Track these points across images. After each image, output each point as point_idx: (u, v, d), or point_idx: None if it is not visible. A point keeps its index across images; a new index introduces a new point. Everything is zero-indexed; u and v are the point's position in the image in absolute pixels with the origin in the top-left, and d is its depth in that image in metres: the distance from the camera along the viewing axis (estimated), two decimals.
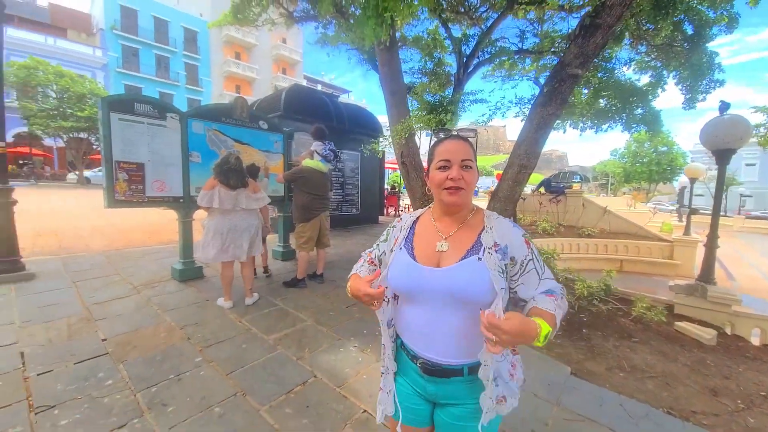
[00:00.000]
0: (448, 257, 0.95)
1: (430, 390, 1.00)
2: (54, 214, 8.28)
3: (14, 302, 3.16)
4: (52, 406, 1.87)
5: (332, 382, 2.20)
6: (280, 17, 8.23)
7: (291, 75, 35.66)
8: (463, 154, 0.95)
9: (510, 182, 4.07)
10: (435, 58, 8.32)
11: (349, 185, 8.70)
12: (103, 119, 3.30)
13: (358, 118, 8.77)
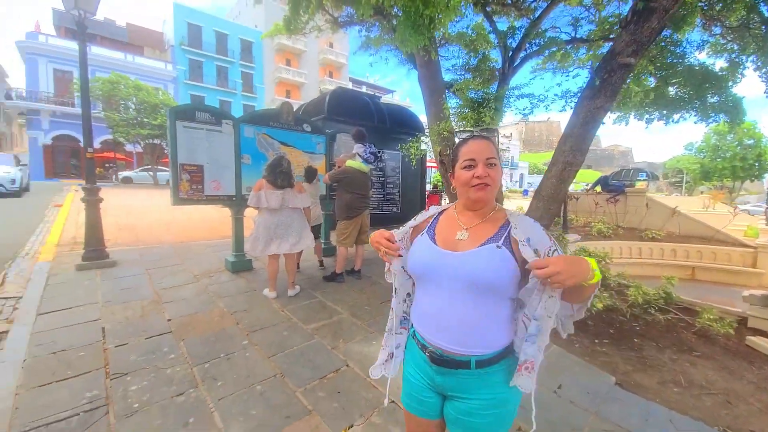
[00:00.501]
0: (466, 244, 1.00)
1: (438, 381, 1.03)
2: (133, 210, 9.44)
3: (99, 285, 3.70)
4: (125, 374, 2.19)
5: (363, 371, 2.29)
6: (326, 23, 8.58)
7: (337, 78, 36.78)
8: (487, 152, 1.00)
9: (554, 180, 3.88)
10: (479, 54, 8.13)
11: (390, 184, 8.81)
12: (170, 127, 3.74)
13: (399, 118, 8.85)
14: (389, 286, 1.16)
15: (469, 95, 5.22)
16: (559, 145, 3.90)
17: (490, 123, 4.74)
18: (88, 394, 1.99)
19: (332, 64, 36.84)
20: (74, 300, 3.29)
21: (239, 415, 1.86)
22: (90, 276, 3.95)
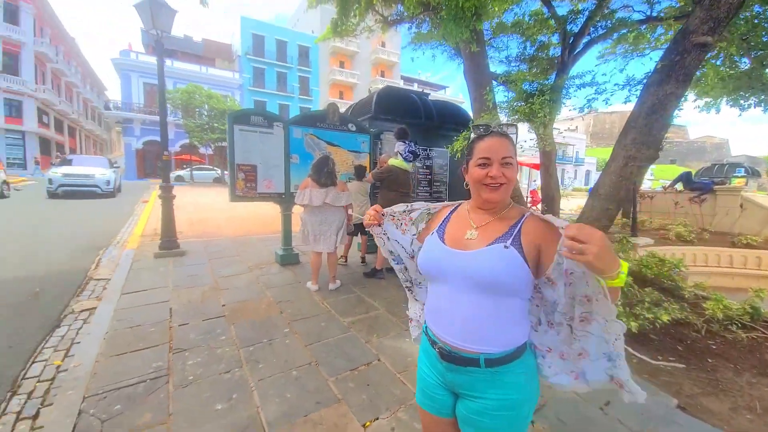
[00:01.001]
0: (475, 244, 0.98)
1: (449, 378, 1.02)
2: (201, 206, 10.53)
3: (171, 271, 4.21)
4: (184, 350, 2.47)
5: (394, 367, 2.32)
6: (376, 23, 8.70)
7: (389, 77, 37.09)
8: (503, 151, 0.96)
9: (613, 177, 3.54)
10: (537, 42, 7.65)
11: (437, 182, 8.66)
12: (229, 130, 4.11)
13: (446, 114, 8.66)
14: None
15: (523, 87, 4.94)
16: (619, 138, 3.54)
17: (547, 116, 4.45)
18: (154, 364, 2.28)
19: (384, 63, 37.23)
20: (150, 283, 3.78)
21: (275, 396, 2.00)
22: (164, 263, 4.51)
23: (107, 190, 11.35)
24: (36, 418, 1.88)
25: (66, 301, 3.43)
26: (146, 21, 4.55)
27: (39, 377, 2.24)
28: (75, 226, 6.99)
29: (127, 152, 25.79)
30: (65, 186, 10.68)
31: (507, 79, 5.93)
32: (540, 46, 7.39)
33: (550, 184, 7.05)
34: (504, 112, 5.13)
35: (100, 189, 11.13)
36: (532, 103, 4.43)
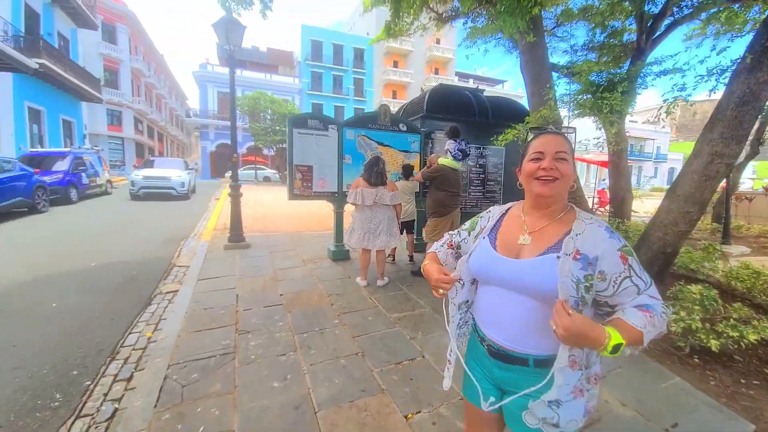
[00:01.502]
0: (528, 251, 0.96)
1: (496, 375, 1.02)
2: (263, 204, 11.42)
3: (238, 262, 4.67)
4: (248, 332, 2.76)
5: (437, 365, 2.35)
6: (430, 21, 8.64)
7: (443, 74, 36.52)
8: (558, 146, 0.93)
9: (695, 176, 3.16)
10: (609, 28, 7.03)
11: (491, 182, 8.37)
12: (288, 133, 4.44)
13: (502, 110, 8.32)
14: None
15: (590, 78, 4.59)
16: (704, 131, 3.14)
17: (619, 109, 4.10)
18: (223, 342, 2.59)
19: (438, 60, 36.75)
20: (221, 272, 4.24)
21: (325, 380, 2.16)
22: (232, 254, 5.01)
23: (182, 192, 11.72)
24: (130, 380, 2.25)
25: (155, 283, 4.00)
26: (221, 37, 5.08)
27: (133, 346, 2.67)
28: (161, 220, 8.06)
29: (203, 154, 28.87)
30: (145, 188, 11.22)
31: (571, 70, 5.53)
32: (612, 32, 6.76)
33: (620, 183, 6.43)
34: (567, 107, 4.82)
35: (176, 191, 11.56)
36: (601, 96, 4.10)
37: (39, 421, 1.89)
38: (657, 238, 3.37)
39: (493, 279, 1.00)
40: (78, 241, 5.75)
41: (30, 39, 13.38)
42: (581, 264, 0.87)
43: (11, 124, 13.20)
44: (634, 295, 0.87)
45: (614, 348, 0.78)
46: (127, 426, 1.77)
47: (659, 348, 2.62)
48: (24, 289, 3.66)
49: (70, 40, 17.85)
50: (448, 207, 4.04)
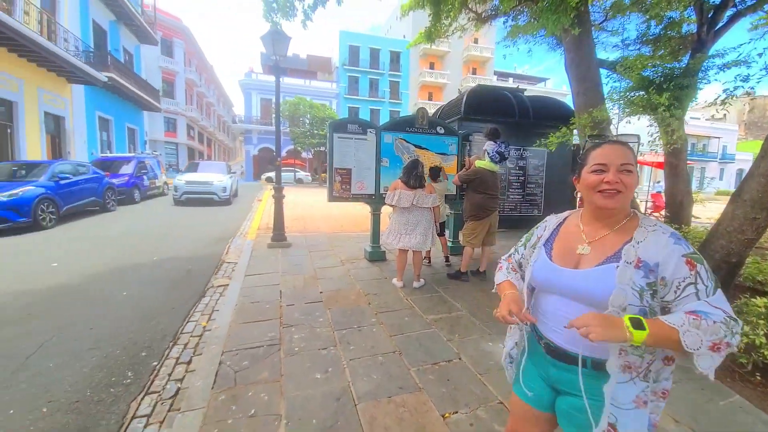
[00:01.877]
0: (587, 260, 0.95)
1: (552, 374, 1.01)
2: (302, 205, 11.87)
3: (280, 260, 4.93)
4: (291, 326, 2.92)
5: (475, 368, 2.35)
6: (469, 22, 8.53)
7: (481, 74, 35.79)
8: (622, 158, 0.90)
9: (764, 179, 2.89)
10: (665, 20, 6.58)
11: (532, 184, 8.12)
12: (329, 138, 4.62)
13: (544, 110, 8.05)
14: None
15: (643, 74, 4.32)
16: None
17: (678, 105, 3.85)
18: (269, 334, 2.77)
19: (476, 60, 36.08)
20: (265, 268, 4.51)
21: (363, 375, 2.24)
22: (275, 253, 5.30)
23: (223, 198, 11.34)
24: (189, 363, 2.48)
25: (208, 277, 4.34)
26: (268, 48, 5.41)
27: (191, 333, 2.93)
28: (211, 219, 8.68)
29: (247, 158, 30.57)
30: (188, 193, 10.93)
31: (623, 65, 5.22)
32: (668, 24, 6.28)
33: (677, 186, 5.94)
34: (617, 105, 4.58)
35: (217, 196, 11.19)
36: (656, 92, 3.86)
37: (113, 396, 2.14)
38: (720, 246, 3.11)
39: (551, 288, 1.00)
40: (141, 238, 6.36)
41: (99, 54, 14.97)
42: (643, 272, 0.85)
43: (84, 131, 14.84)
44: (692, 301, 0.83)
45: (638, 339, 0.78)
46: (189, 403, 1.97)
47: (720, 364, 2.42)
48: (99, 279, 4.13)
49: (134, 54, 19.73)
50: (486, 210, 4.01)
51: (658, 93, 3.87)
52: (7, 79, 10.48)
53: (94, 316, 3.17)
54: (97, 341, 2.75)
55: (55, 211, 7.04)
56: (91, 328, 2.97)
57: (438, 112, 8.98)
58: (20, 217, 6.24)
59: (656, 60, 5.14)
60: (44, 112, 12.36)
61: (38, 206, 6.58)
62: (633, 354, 0.88)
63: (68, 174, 7.89)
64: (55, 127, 13.31)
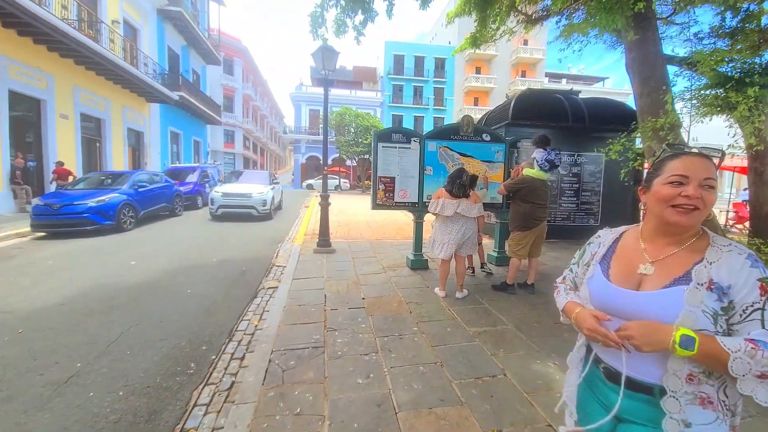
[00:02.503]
0: (651, 281, 0.87)
1: (612, 400, 0.92)
2: (346, 211, 12.20)
3: (325, 265, 5.12)
4: (335, 329, 3.02)
5: (521, 386, 2.25)
6: (518, 24, 8.28)
7: (531, 76, 34.40)
8: (706, 172, 0.82)
9: None
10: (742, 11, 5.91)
11: (587, 192, 7.60)
12: (373, 147, 4.74)
13: (602, 113, 7.53)
14: None
15: (718, 70, 3.89)
16: None
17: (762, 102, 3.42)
18: (314, 337, 2.89)
19: (526, 62, 34.80)
20: (311, 273, 4.71)
21: (404, 384, 2.25)
22: (320, 258, 5.51)
23: (263, 212, 9.84)
24: (242, 359, 2.67)
25: (260, 279, 4.63)
26: (318, 63, 5.72)
27: (245, 331, 3.14)
28: (263, 224, 9.25)
29: (295, 166, 32.22)
30: (224, 207, 9.58)
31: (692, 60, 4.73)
32: (745, 17, 5.59)
33: (764, 194, 5.22)
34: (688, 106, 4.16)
35: (257, 211, 9.72)
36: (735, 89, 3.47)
37: (178, 384, 2.37)
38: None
39: (609, 310, 0.92)
40: (204, 240, 6.98)
41: (171, 75, 16.80)
42: (716, 295, 0.78)
43: (159, 144, 16.69)
44: (756, 328, 0.75)
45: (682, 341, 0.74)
46: (242, 397, 2.12)
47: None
48: (169, 277, 4.60)
49: (200, 74, 21.85)
50: (534, 220, 3.83)
51: (737, 90, 3.46)
52: (97, 100, 12.18)
53: (164, 311, 3.54)
54: (167, 333, 3.07)
55: (134, 215, 7.98)
56: (162, 321, 3.31)
57: (484, 119, 8.78)
58: (105, 220, 7.16)
59: (734, 54, 4.59)
60: (127, 128, 14.14)
61: (121, 211, 7.51)
62: (706, 383, 0.79)
63: (145, 182, 8.92)
64: (135, 141, 15.15)
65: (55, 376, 2.39)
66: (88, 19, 11.24)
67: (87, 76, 11.46)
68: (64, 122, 10.68)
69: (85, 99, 11.53)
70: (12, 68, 8.79)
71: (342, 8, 4.63)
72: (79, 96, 11.24)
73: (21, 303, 3.61)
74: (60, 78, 10.37)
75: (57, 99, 10.30)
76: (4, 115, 8.61)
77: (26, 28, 8.47)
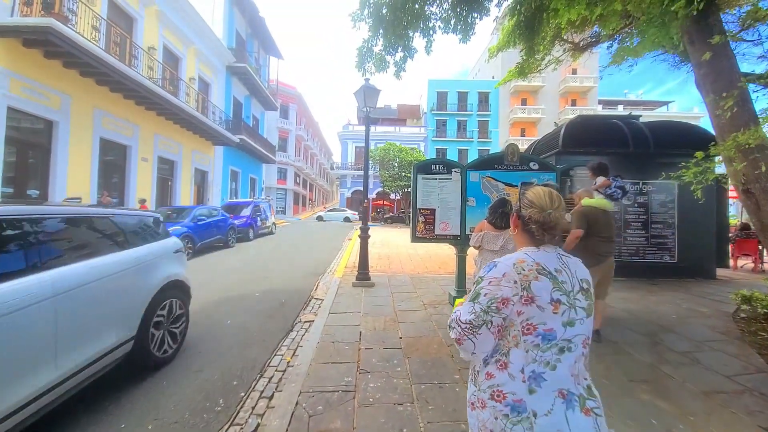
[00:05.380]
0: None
1: None
2: (385, 244, 12.08)
3: (363, 299, 4.95)
4: (368, 372, 2.79)
5: None
6: (565, 53, 8.10)
7: (582, 105, 33.10)
8: None
9: None
10: None
11: (658, 224, 6.74)
12: (413, 179, 4.65)
13: (668, 136, 6.83)
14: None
15: None
16: None
17: None
18: (346, 378, 2.68)
19: (576, 91, 33.72)
20: (348, 307, 4.56)
21: None
22: (358, 292, 5.36)
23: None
24: (271, 399, 2.53)
25: (297, 311, 4.58)
26: (360, 101, 5.94)
27: (277, 367, 3.03)
28: (307, 255, 9.44)
29: (341, 199, 33.37)
30: None
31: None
32: None
33: None
34: None
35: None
36: None
37: (205, 422, 2.28)
38: None
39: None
40: (250, 271, 7.23)
41: (235, 121, 18.72)
42: None
43: (220, 182, 18.32)
44: None
45: None
46: None
47: None
48: (212, 307, 4.74)
49: (259, 119, 24.14)
50: (599, 256, 3.36)
51: None
52: (171, 144, 13.83)
53: (203, 340, 3.58)
54: (203, 364, 3.06)
55: (192, 246, 8.59)
56: (200, 351, 3.33)
57: (531, 148, 8.40)
58: None
59: None
60: (195, 169, 15.76)
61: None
62: None
63: (204, 216, 9.68)
64: (200, 179, 16.80)
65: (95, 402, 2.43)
66: (170, 77, 13.12)
67: (165, 125, 13.16)
68: (144, 164, 12.20)
69: (162, 144, 13.17)
70: (105, 119, 10.37)
71: (384, 46, 4.82)
72: (158, 142, 12.87)
73: None
74: (144, 127, 12.01)
75: (140, 144, 11.88)
76: (95, 159, 10.05)
77: (117, 85, 10.03)
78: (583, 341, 1.01)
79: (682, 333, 3.74)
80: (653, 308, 4.60)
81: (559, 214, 1.05)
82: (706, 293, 5.52)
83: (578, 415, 0.94)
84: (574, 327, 0.99)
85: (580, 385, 0.99)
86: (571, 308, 1.00)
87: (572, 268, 1.05)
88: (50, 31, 7.49)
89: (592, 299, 1.07)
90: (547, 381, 0.95)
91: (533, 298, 0.97)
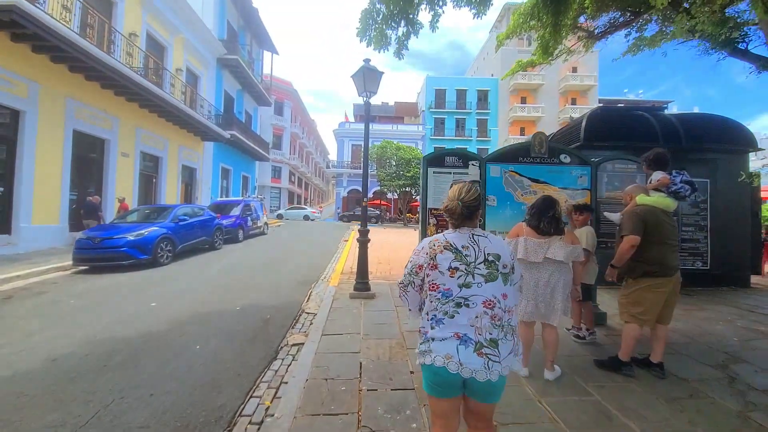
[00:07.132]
0: None
1: None
2: (386, 246, 11.34)
3: (362, 315, 4.20)
4: (372, 430, 2.04)
5: None
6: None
7: (582, 103, 32.64)
8: None
9: None
10: None
11: (689, 227, 6.07)
12: (423, 174, 3.92)
13: (703, 130, 6.17)
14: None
15: None
16: None
17: None
18: None
19: (576, 90, 33.25)
20: (345, 326, 3.82)
21: None
22: (357, 305, 4.61)
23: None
24: None
25: (284, 331, 3.83)
26: (359, 86, 5.19)
27: (251, 418, 2.28)
28: (299, 258, 8.63)
29: (337, 199, 32.57)
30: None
31: None
32: None
33: None
34: None
35: None
36: None
37: None
38: None
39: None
40: (234, 278, 6.44)
41: (226, 116, 17.85)
42: None
43: (210, 180, 17.44)
44: None
45: None
46: None
47: None
48: (182, 326, 3.96)
49: (252, 115, 23.25)
50: (667, 267, 2.64)
51: None
52: (156, 139, 12.95)
53: (160, 377, 2.81)
54: (151, 415, 2.29)
55: (172, 249, 7.78)
56: (152, 394, 2.56)
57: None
58: (142, 255, 6.96)
59: None
60: (182, 165, 14.88)
61: (158, 245, 7.32)
62: None
63: (186, 216, 8.85)
64: (188, 177, 15.91)
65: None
66: (154, 67, 12.25)
67: (149, 118, 12.28)
68: (125, 160, 11.33)
69: (145, 138, 12.30)
70: (80, 110, 9.50)
71: (384, 17, 4.08)
72: (140, 136, 12.00)
73: (11, 356, 3.10)
74: (124, 120, 11.13)
75: (120, 138, 11.01)
76: (67, 153, 9.18)
77: (93, 73, 9.16)
78: (483, 302, 1.29)
79: (755, 362, 3.05)
80: (706, 328, 3.90)
81: (455, 204, 1.39)
82: (752, 306, 4.87)
83: (470, 352, 1.25)
84: (470, 288, 1.31)
85: (482, 336, 1.27)
86: (469, 274, 1.32)
87: (481, 245, 1.36)
88: (15, 9, 6.67)
89: (497, 269, 1.34)
90: (444, 324, 1.31)
91: (437, 266, 1.34)
